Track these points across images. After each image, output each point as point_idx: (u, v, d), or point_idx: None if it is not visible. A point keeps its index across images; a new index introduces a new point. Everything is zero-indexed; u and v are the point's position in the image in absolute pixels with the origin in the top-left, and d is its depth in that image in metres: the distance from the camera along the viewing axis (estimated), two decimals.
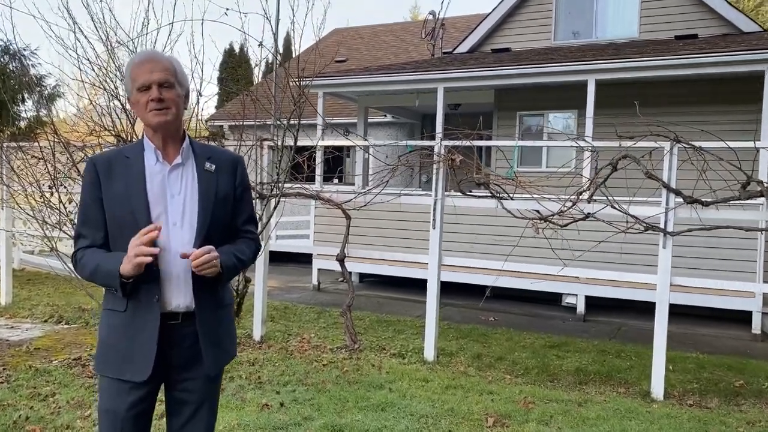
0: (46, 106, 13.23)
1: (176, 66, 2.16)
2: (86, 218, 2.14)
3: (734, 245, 7.50)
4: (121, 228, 2.08)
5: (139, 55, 2.20)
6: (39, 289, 9.15)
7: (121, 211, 2.08)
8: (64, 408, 4.22)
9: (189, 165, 2.18)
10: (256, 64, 11.67)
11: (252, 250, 2.31)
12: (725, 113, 9.07)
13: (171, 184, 2.13)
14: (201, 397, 2.20)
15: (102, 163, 2.13)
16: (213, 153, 2.26)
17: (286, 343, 6.23)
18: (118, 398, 2.09)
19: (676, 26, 10.31)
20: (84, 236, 2.14)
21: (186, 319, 2.13)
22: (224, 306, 2.26)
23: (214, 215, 2.15)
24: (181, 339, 2.13)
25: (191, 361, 2.16)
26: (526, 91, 10.45)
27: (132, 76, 2.12)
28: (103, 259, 2.07)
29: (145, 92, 2.08)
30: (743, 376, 5.60)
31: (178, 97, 2.13)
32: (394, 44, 18.67)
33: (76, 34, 5.52)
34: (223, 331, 2.25)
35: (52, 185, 5.80)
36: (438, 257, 5.95)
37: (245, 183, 2.32)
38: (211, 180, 2.18)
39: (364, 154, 11.35)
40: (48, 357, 5.48)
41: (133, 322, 2.08)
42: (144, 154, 2.15)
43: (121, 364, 2.09)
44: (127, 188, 2.09)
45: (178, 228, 2.11)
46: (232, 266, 2.17)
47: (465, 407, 4.44)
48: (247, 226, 2.33)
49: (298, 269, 11.87)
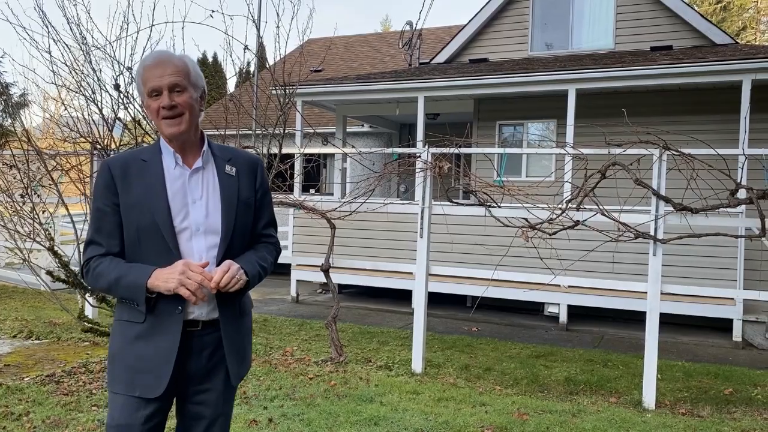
0: (12, 115, 12.86)
1: (190, 65, 2.02)
2: (100, 225, 2.00)
3: (714, 253, 7.56)
4: (141, 236, 1.96)
5: (150, 57, 2.04)
6: (6, 303, 8.79)
7: (141, 218, 1.95)
8: (40, 427, 3.99)
9: (209, 169, 2.07)
10: (241, 68, 11.45)
11: (274, 257, 2.20)
12: (703, 122, 9.19)
13: (192, 189, 2.02)
14: (216, 411, 2.07)
15: (117, 167, 1.99)
16: (233, 155, 2.14)
17: (268, 357, 6.05)
18: (135, 413, 1.95)
19: (651, 37, 10.45)
20: (98, 243, 2.00)
21: (207, 326, 2.01)
22: (246, 314, 2.16)
23: (237, 221, 2.05)
24: (200, 347, 2.01)
25: (209, 372, 2.04)
26: (506, 100, 10.48)
27: (143, 79, 1.99)
28: (125, 270, 1.94)
29: (156, 98, 1.96)
30: (731, 384, 5.60)
31: (191, 100, 2.00)
32: (369, 54, 18.65)
33: (50, 36, 5.31)
34: (245, 339, 2.14)
35: (24, 194, 5.55)
36: (425, 267, 5.85)
37: (266, 186, 2.22)
38: (233, 184, 2.07)
39: (343, 163, 11.25)
40: (19, 374, 5.21)
41: (152, 335, 1.95)
42: (162, 158, 2.03)
43: (133, 380, 1.95)
44: (147, 194, 1.96)
45: (201, 234, 2.00)
46: (256, 275, 2.06)
47: (460, 420, 4.33)
48: (268, 230, 2.22)
49: (274, 280, 11.65)
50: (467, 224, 8.30)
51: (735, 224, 6.43)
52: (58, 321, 7.23)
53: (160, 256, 1.94)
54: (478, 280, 7.51)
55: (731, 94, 8.44)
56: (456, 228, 8.33)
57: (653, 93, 9.55)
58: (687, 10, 10.40)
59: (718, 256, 7.60)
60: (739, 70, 7.91)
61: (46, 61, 5.32)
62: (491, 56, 11.59)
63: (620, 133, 5.29)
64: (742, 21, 28.49)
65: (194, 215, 2.00)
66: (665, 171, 5.04)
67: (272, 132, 5.83)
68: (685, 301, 7.38)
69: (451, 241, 8.23)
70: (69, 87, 5.53)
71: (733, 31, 26.67)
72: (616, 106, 7.58)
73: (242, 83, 13.85)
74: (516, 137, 11.00)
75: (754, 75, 7.84)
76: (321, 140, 7.70)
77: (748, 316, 7.65)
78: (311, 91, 10.39)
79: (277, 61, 6.39)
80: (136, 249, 1.98)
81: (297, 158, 7.01)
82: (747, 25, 28.47)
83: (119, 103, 5.42)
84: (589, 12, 11.09)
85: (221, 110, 6.29)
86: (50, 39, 5.31)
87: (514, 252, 5.80)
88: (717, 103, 9.13)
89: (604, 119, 7.91)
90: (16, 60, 17.99)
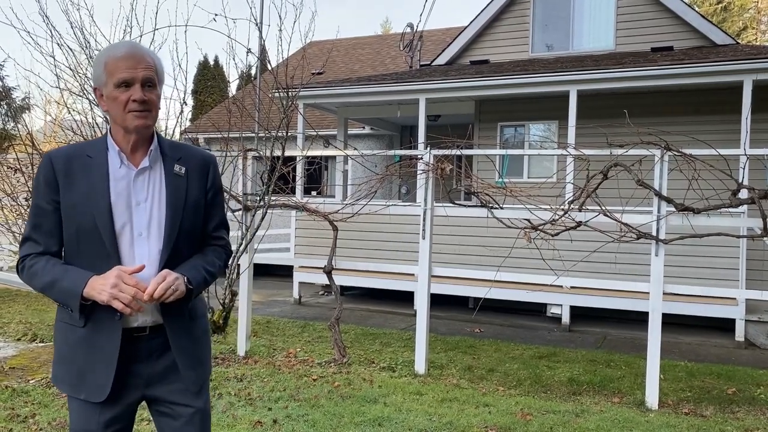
0: (14, 118, 12.90)
1: (158, 63, 1.95)
2: (38, 222, 1.92)
3: (716, 253, 7.57)
4: (80, 237, 1.88)
5: (121, 47, 1.92)
6: (10, 306, 8.81)
7: (81, 218, 1.87)
8: (46, 429, 4.01)
9: (157, 168, 1.97)
10: (243, 71, 11.48)
11: (223, 260, 2.12)
12: (705, 123, 9.20)
13: (137, 191, 1.92)
14: (190, 409, 2.00)
15: (60, 161, 1.90)
16: (183, 153, 2.04)
17: (272, 358, 6.07)
18: (91, 418, 1.91)
19: (652, 39, 10.46)
20: (35, 241, 1.92)
21: (154, 330, 1.95)
22: (197, 318, 2.07)
23: (183, 224, 1.96)
24: (149, 352, 1.95)
25: (167, 373, 1.97)
26: (507, 102, 10.50)
27: (109, 68, 1.87)
28: (60, 274, 1.86)
29: (125, 89, 1.86)
30: (734, 384, 5.61)
31: (158, 98, 1.94)
32: (370, 57, 18.68)
33: (54, 40, 5.34)
34: (199, 344, 2.06)
35: (28, 197, 5.57)
36: (428, 268, 5.86)
37: (217, 185, 2.11)
38: (181, 185, 1.98)
39: (344, 165, 11.27)
40: (24, 377, 5.24)
41: (92, 340, 1.89)
42: (108, 155, 1.93)
43: (78, 383, 1.90)
44: (88, 194, 1.87)
45: (144, 239, 1.92)
46: (202, 281, 1.98)
47: (464, 420, 4.34)
48: (218, 231, 2.13)
49: (277, 282, 11.69)
50: (469, 225, 8.33)
51: (737, 224, 6.44)
52: None
53: (99, 259, 1.87)
54: (481, 281, 7.54)
55: (732, 95, 8.45)
56: (458, 229, 8.35)
57: (654, 94, 9.56)
58: (688, 10, 10.42)
59: (720, 256, 7.61)
60: (740, 70, 7.93)
61: (49, 65, 5.33)
62: (492, 58, 11.61)
63: (622, 133, 5.30)
64: (742, 21, 28.50)
65: (137, 219, 1.91)
66: (667, 171, 5.05)
67: (275, 134, 5.85)
68: (688, 301, 7.39)
69: (454, 243, 8.25)
70: (72, 90, 5.56)
71: (734, 32, 26.68)
72: (618, 106, 7.60)
73: (244, 86, 13.88)
74: (517, 138, 11.01)
75: (755, 75, 7.85)
76: (323, 142, 7.72)
77: (751, 316, 7.66)
78: (313, 94, 10.41)
79: (279, 63, 6.42)
80: (74, 249, 1.91)
81: (299, 160, 7.04)
82: (748, 26, 28.47)
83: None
84: (590, 13, 11.10)
85: (224, 113, 6.31)
86: (54, 43, 5.34)
87: (517, 253, 5.82)
88: (718, 104, 9.14)
89: (605, 120, 7.93)
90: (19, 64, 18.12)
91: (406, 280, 8.71)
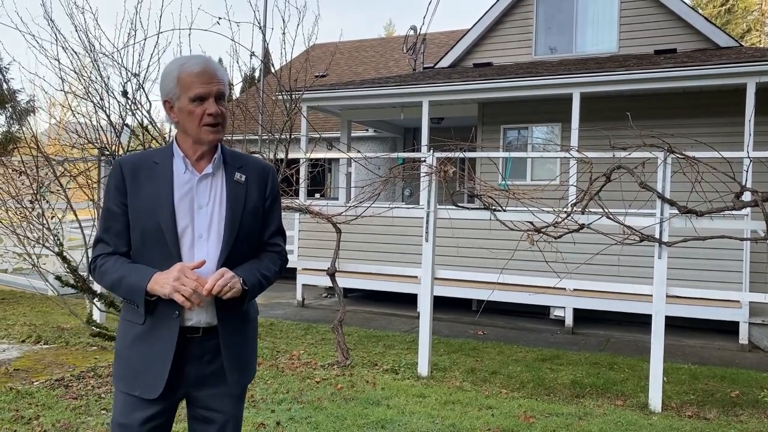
0: (19, 121, 12.94)
1: (227, 78, 2.06)
2: (109, 225, 2.03)
3: (719, 256, 7.56)
4: (145, 238, 1.99)
5: (195, 62, 2.01)
6: (14, 308, 8.84)
7: (146, 221, 1.97)
8: (50, 431, 4.02)
9: (219, 175, 2.07)
10: (246, 73, 11.50)
11: (278, 266, 2.18)
12: (708, 125, 9.19)
13: (199, 195, 2.02)
14: (225, 416, 2.08)
15: (128, 167, 2.02)
16: (244, 162, 2.14)
17: (275, 360, 6.08)
18: (133, 413, 1.99)
19: (655, 41, 10.46)
20: (105, 242, 2.03)
21: (207, 332, 2.02)
22: (249, 321, 2.15)
23: (241, 228, 2.04)
24: (200, 354, 2.02)
25: (212, 378, 2.04)
26: (510, 104, 10.51)
27: (185, 82, 1.97)
28: (128, 271, 1.96)
29: (199, 104, 1.97)
30: (738, 387, 5.60)
31: (226, 111, 2.06)
32: (374, 59, 18.71)
33: (59, 43, 5.37)
34: (248, 347, 2.13)
35: (33, 199, 5.60)
36: (431, 270, 5.87)
37: (275, 193, 2.20)
38: (241, 192, 2.07)
39: (347, 168, 11.29)
40: (28, 378, 5.25)
41: (150, 337, 1.98)
42: (173, 161, 2.04)
43: (133, 380, 1.99)
44: (153, 197, 1.98)
45: (204, 241, 2.01)
46: (257, 283, 2.04)
47: (467, 423, 4.35)
48: (275, 239, 2.20)
49: (279, 285, 11.65)
50: (472, 228, 8.33)
51: (740, 227, 6.42)
52: (66, 326, 7.28)
53: (162, 260, 1.95)
54: (484, 283, 7.53)
55: (736, 97, 8.45)
56: (461, 232, 8.35)
57: (657, 96, 9.56)
58: (691, 13, 10.42)
59: (724, 259, 7.60)
60: (744, 73, 7.92)
61: (54, 68, 5.36)
62: (495, 60, 11.62)
63: (625, 136, 5.31)
64: (746, 23, 28.45)
65: (198, 221, 2.00)
66: (670, 174, 5.06)
67: (279, 137, 5.87)
68: (691, 303, 7.37)
69: (457, 245, 8.26)
70: (77, 93, 5.59)
71: (738, 34, 26.64)
72: (621, 109, 7.58)
73: (248, 89, 13.92)
74: (520, 141, 11.02)
75: (758, 78, 7.85)
76: (326, 145, 7.74)
77: (755, 319, 7.64)
78: (316, 96, 10.44)
79: (282, 66, 6.44)
80: (140, 251, 2.01)
81: (302, 163, 7.07)
82: (751, 28, 28.43)
83: (127, 109, 5.47)
84: (593, 16, 11.11)
85: (228, 115, 6.33)
86: (59, 46, 5.37)
87: (520, 255, 5.81)
88: (721, 106, 9.13)
89: (608, 123, 7.95)
90: (24, 67, 18.19)
91: (409, 282, 8.72)
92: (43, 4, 5.40)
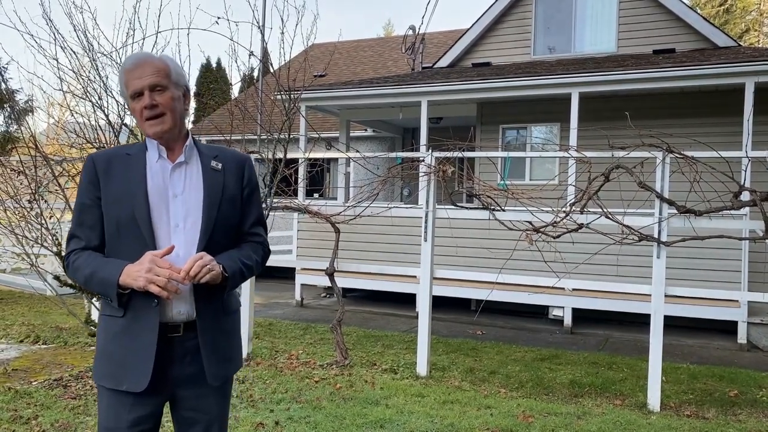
0: (17, 120, 12.93)
1: (170, 64, 2.01)
2: (82, 219, 2.00)
3: (718, 255, 7.56)
4: (119, 229, 1.95)
5: (130, 60, 2.02)
6: (12, 308, 8.84)
7: (120, 211, 1.94)
8: (49, 431, 4.02)
9: (193, 163, 2.05)
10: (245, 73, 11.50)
11: (260, 255, 2.15)
12: (706, 125, 9.20)
13: (174, 183, 1.99)
14: (209, 416, 2.06)
15: (101, 161, 2.00)
16: (219, 152, 2.12)
17: (274, 360, 6.08)
18: (119, 416, 1.96)
19: (654, 41, 10.47)
20: (78, 237, 2.01)
21: (188, 330, 1.99)
22: (230, 313, 2.11)
23: (219, 216, 2.01)
24: (182, 354, 1.99)
25: (196, 377, 2.01)
26: (509, 104, 10.50)
27: (125, 82, 1.99)
28: (99, 265, 1.93)
29: (138, 99, 1.96)
30: (736, 386, 5.60)
31: (173, 99, 1.99)
32: (372, 59, 18.70)
33: (57, 43, 5.36)
34: (227, 338, 2.09)
35: (31, 199, 5.59)
36: (430, 270, 5.87)
37: (254, 183, 2.17)
38: (218, 179, 2.04)
39: (346, 168, 11.29)
40: (27, 378, 5.25)
41: (132, 328, 1.94)
42: (146, 152, 2.03)
43: (118, 374, 1.95)
44: (127, 187, 1.95)
45: (181, 230, 1.97)
46: (238, 271, 2.01)
47: (465, 423, 4.35)
48: (255, 228, 2.16)
49: (278, 285, 11.70)
50: (471, 228, 8.34)
51: (739, 226, 6.42)
52: (64, 326, 7.28)
53: (138, 250, 1.91)
54: (483, 283, 7.53)
55: (734, 97, 8.45)
56: (460, 231, 8.36)
57: (656, 96, 9.57)
58: (689, 13, 10.42)
59: (722, 259, 7.60)
60: (742, 72, 7.93)
61: (53, 68, 5.35)
62: (494, 60, 11.62)
63: (623, 136, 5.31)
64: (745, 23, 28.48)
65: (174, 210, 1.97)
66: (668, 174, 5.06)
67: (277, 137, 5.86)
68: (690, 303, 7.38)
69: (456, 245, 8.26)
70: (75, 93, 5.58)
71: (736, 34, 26.67)
72: (619, 109, 7.59)
73: (247, 88, 13.92)
74: (519, 141, 11.02)
75: (756, 77, 7.85)
76: (325, 145, 7.74)
77: (753, 319, 7.64)
78: (315, 96, 10.43)
79: (281, 66, 6.43)
80: (115, 243, 1.97)
81: (301, 163, 7.07)
82: (750, 28, 28.45)
83: (126, 108, 5.46)
84: (592, 16, 11.11)
85: (226, 115, 6.32)
86: (57, 46, 5.36)
87: (519, 255, 5.81)
88: (720, 106, 9.14)
89: (607, 122, 7.95)
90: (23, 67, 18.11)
91: (408, 282, 8.72)
92: (42, 4, 5.38)
